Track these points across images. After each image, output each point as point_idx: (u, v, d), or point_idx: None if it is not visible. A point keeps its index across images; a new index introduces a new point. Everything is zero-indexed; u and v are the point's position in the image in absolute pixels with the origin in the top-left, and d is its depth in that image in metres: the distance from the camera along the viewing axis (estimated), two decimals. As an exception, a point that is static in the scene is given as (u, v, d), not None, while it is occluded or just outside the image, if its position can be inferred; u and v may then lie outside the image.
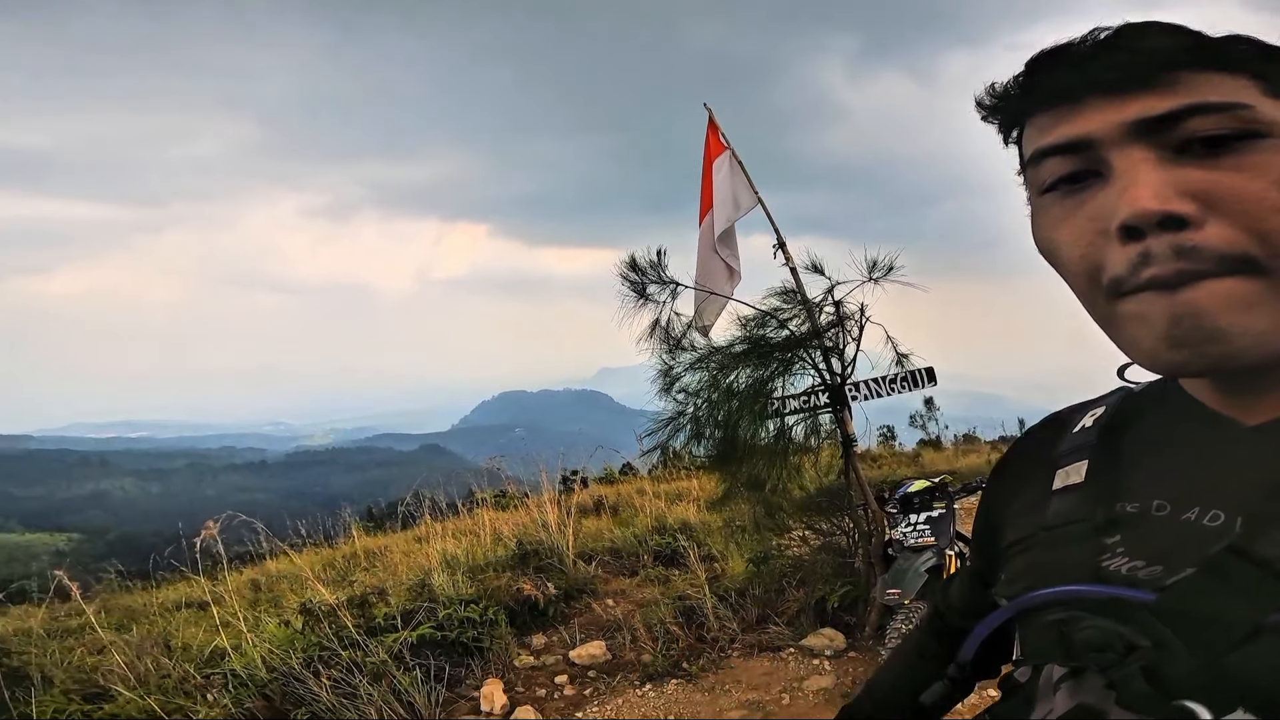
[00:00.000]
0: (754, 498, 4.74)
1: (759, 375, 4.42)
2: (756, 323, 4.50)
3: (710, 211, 4.66)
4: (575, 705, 3.76)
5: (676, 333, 4.73)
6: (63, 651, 3.73)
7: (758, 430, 4.49)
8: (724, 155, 4.62)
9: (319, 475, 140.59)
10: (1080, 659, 0.44)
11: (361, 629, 3.91)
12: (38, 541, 69.77)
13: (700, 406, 4.58)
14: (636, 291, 4.64)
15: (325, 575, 6.44)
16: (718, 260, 4.65)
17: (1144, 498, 0.50)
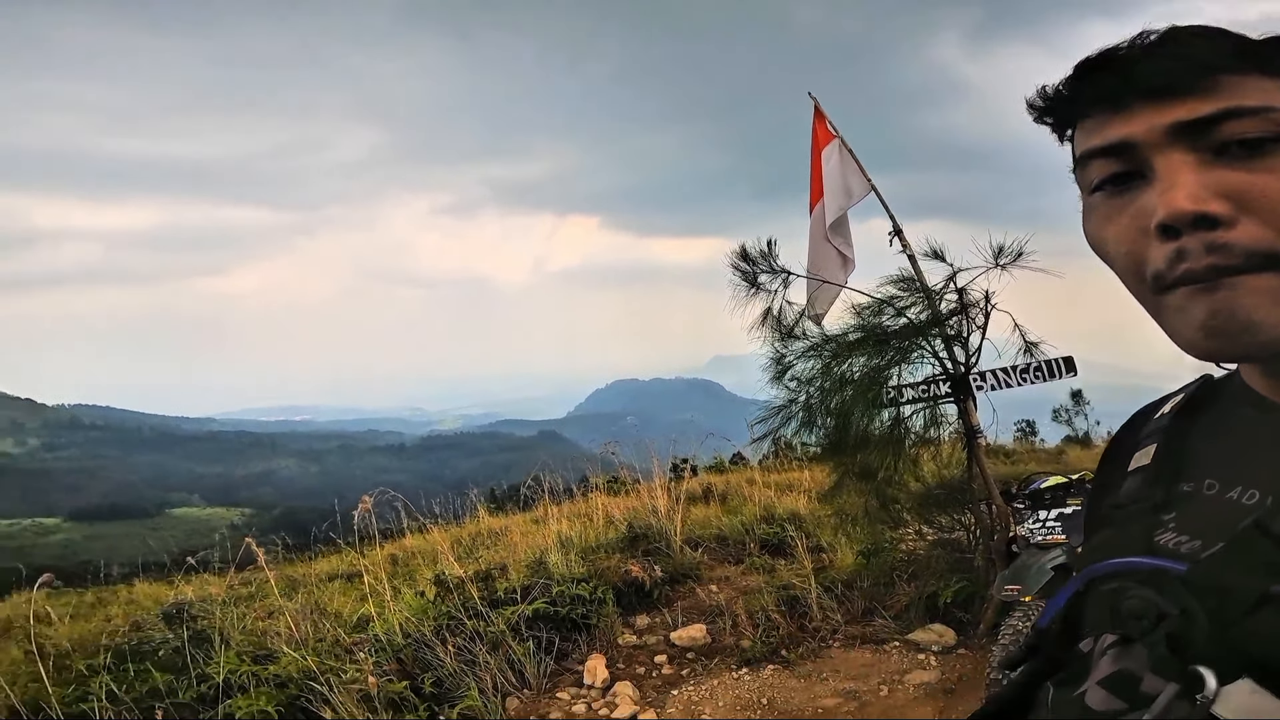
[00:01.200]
0: (866, 488, 4.66)
1: (874, 363, 4.34)
2: (872, 310, 4.43)
3: (820, 200, 4.62)
4: (672, 684, 3.88)
5: (789, 321, 4.74)
6: (238, 616, 4.33)
7: (872, 419, 4.42)
8: (833, 144, 4.56)
9: (449, 458, 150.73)
10: (1124, 627, 0.48)
11: (485, 601, 4.23)
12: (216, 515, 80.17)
13: (812, 394, 4.56)
14: (748, 281, 4.69)
15: (454, 551, 6.96)
16: (830, 249, 4.62)
17: (1198, 478, 0.55)
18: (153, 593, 6.36)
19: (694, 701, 3.62)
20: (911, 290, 4.32)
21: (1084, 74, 0.52)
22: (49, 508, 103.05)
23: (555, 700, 3.73)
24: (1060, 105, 0.55)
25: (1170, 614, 0.45)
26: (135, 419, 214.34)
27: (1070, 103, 0.54)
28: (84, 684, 2.99)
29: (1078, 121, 0.54)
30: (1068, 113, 0.55)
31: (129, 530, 76.16)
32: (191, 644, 3.45)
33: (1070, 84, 0.53)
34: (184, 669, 3.21)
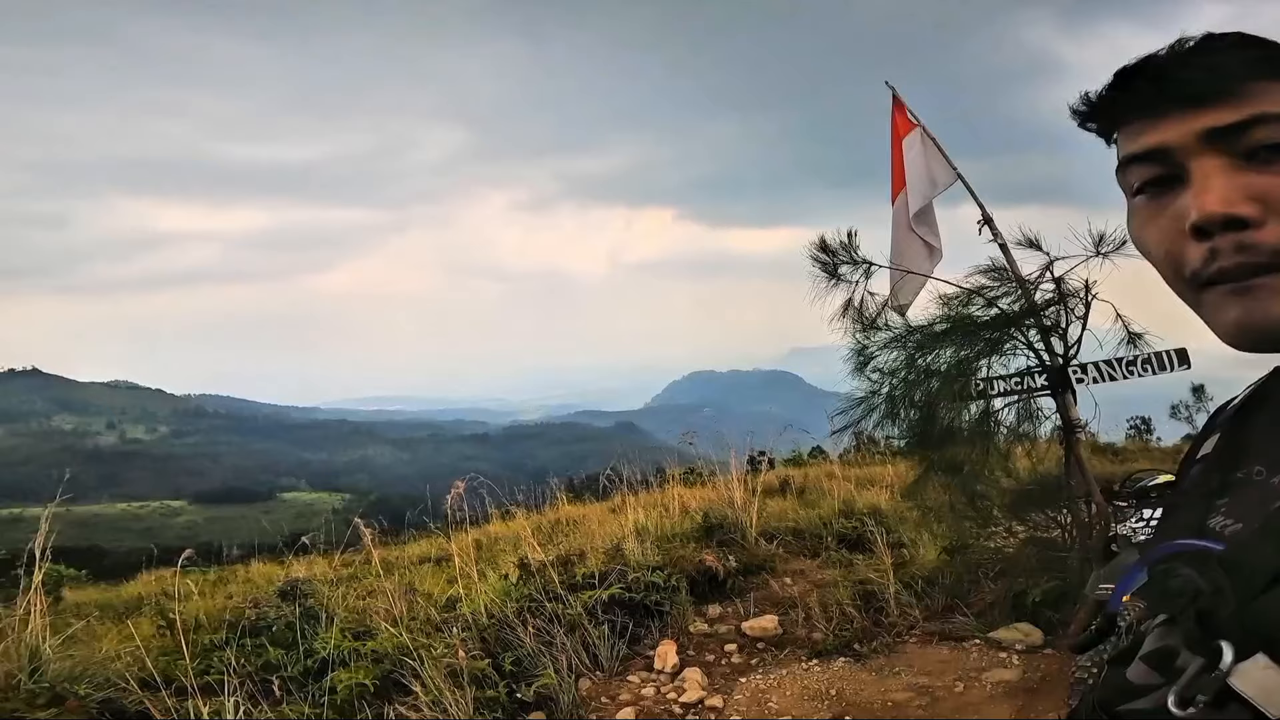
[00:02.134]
0: (951, 483, 4.53)
1: (962, 355, 4.23)
2: (960, 301, 4.31)
3: (903, 190, 4.53)
4: (740, 672, 3.92)
5: (870, 312, 4.68)
6: (341, 596, 4.67)
7: (959, 412, 4.31)
8: (914, 132, 4.45)
9: (530, 448, 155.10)
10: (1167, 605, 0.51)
11: (564, 585, 4.39)
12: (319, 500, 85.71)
13: (895, 386, 4.48)
14: (828, 272, 4.66)
15: (535, 538, 7.21)
16: (915, 238, 4.52)
17: (1250, 464, 0.57)
18: (266, 572, 6.94)
19: (761, 690, 3.65)
20: (1003, 280, 4.18)
21: (1122, 82, 0.55)
22: (176, 491, 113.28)
23: (626, 683, 3.84)
24: (1102, 112, 0.58)
25: (1204, 592, 0.47)
26: (251, 408, 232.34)
27: (1110, 109, 0.57)
28: (208, 657, 3.34)
29: (1119, 127, 0.57)
30: (1109, 119, 0.57)
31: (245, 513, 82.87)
32: (302, 620, 3.78)
33: (1109, 91, 0.56)
34: (294, 644, 3.52)
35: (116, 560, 9.16)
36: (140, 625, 4.57)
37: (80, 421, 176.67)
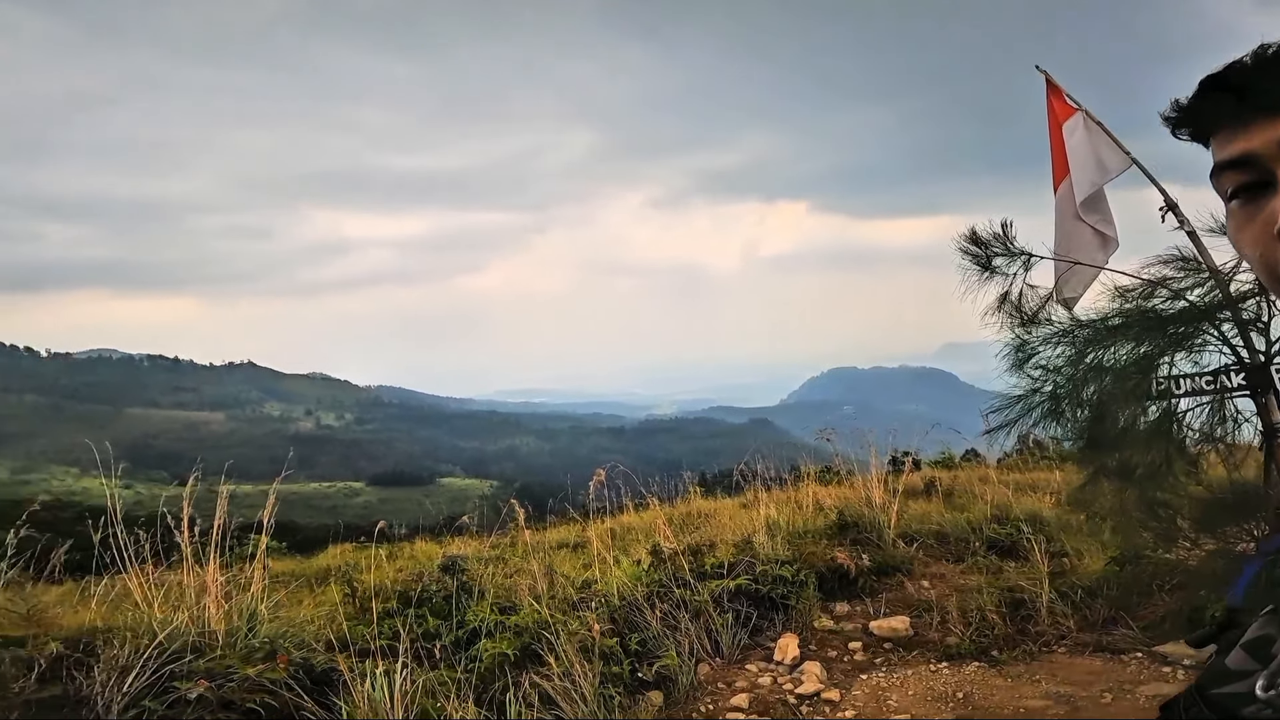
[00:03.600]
0: (1123, 489, 4.14)
1: (1140, 351, 3.88)
2: (1140, 294, 3.95)
3: (1066, 177, 4.23)
4: (861, 669, 3.85)
5: (1031, 306, 4.41)
6: (491, 574, 5.11)
7: (1136, 412, 3.94)
8: (1075, 117, 4.13)
9: (664, 442, 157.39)
10: (1272, 596, 0.54)
11: (693, 573, 4.53)
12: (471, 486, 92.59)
13: (1060, 384, 4.18)
14: (980, 265, 4.46)
15: (667, 528, 7.40)
16: (1084, 228, 4.21)
17: None
18: (427, 550, 7.71)
19: (882, 688, 3.57)
20: (1190, 270, 3.77)
21: (1208, 91, 0.57)
22: (356, 473, 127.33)
23: (743, 671, 3.90)
24: (1191, 120, 0.60)
25: None
26: (418, 399, 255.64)
27: (1199, 118, 0.59)
28: (381, 623, 3.81)
29: (1210, 134, 0.59)
30: (1199, 126, 0.59)
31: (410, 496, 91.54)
32: (458, 594, 4.21)
33: (1196, 100, 0.58)
34: (450, 615, 3.94)
35: (308, 535, 10.58)
36: (328, 593, 5.27)
37: (285, 409, 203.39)
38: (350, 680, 2.89)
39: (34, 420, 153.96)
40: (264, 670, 3.02)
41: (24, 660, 2.93)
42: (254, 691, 2.89)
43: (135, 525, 3.64)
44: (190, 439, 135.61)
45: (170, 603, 3.43)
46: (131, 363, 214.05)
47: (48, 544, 3.78)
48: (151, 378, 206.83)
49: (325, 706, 2.89)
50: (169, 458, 73.73)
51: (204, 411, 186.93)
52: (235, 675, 2.98)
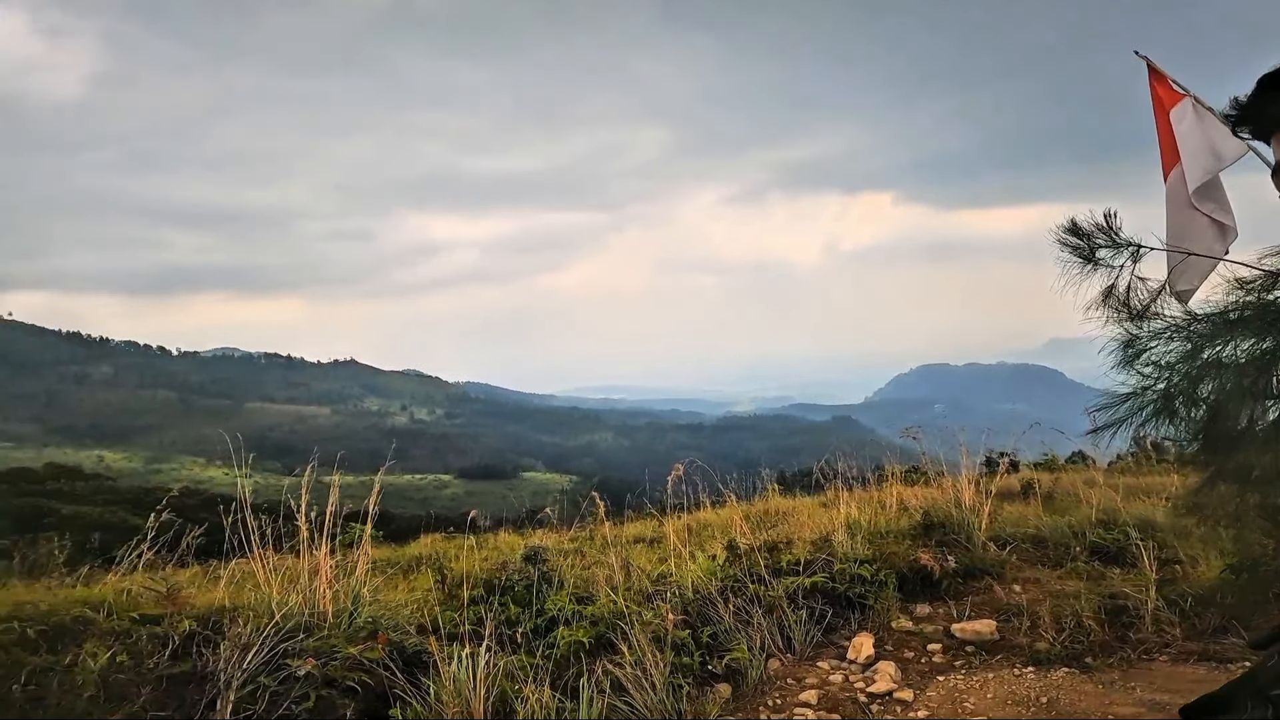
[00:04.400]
0: (1242, 493, 3.84)
1: (1263, 346, 3.59)
2: (1260, 286, 3.66)
3: (1177, 165, 3.97)
4: (939, 671, 3.73)
5: (1141, 299, 4.16)
6: (570, 565, 5.28)
7: (1255, 412, 3.65)
8: (1183, 103, 3.87)
9: (742, 439, 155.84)
10: None
11: (769, 569, 4.54)
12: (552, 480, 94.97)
13: (1174, 381, 3.93)
14: (1083, 257, 4.25)
15: (744, 524, 7.40)
16: (1199, 217, 3.94)
17: None
18: (509, 541, 8.03)
19: (959, 690, 3.45)
20: None
21: (1265, 89, 0.57)
22: (446, 466, 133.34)
23: (815, 668, 3.87)
24: (1250, 118, 0.60)
25: None
26: (502, 394, 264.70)
27: (1258, 116, 0.59)
28: (467, 610, 4.03)
29: (1270, 133, 0.58)
30: (1259, 125, 0.59)
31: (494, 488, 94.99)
32: (539, 583, 4.40)
33: (1254, 98, 0.59)
34: (530, 603, 4.13)
35: (401, 524, 11.24)
36: (420, 580, 5.61)
37: (383, 404, 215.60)
38: (439, 661, 3.09)
39: (166, 414, 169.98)
40: (364, 650, 3.26)
41: (159, 637, 3.24)
42: (354, 670, 3.13)
43: (258, 512, 3.98)
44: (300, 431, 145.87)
45: (286, 585, 3.73)
46: (251, 360, 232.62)
47: (180, 529, 4.18)
48: (268, 374, 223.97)
49: (415, 685, 3.09)
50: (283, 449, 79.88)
51: (312, 406, 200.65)
52: (339, 654, 3.23)
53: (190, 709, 2.91)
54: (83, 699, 2.79)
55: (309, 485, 4.10)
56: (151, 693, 2.94)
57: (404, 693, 3.05)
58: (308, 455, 4.42)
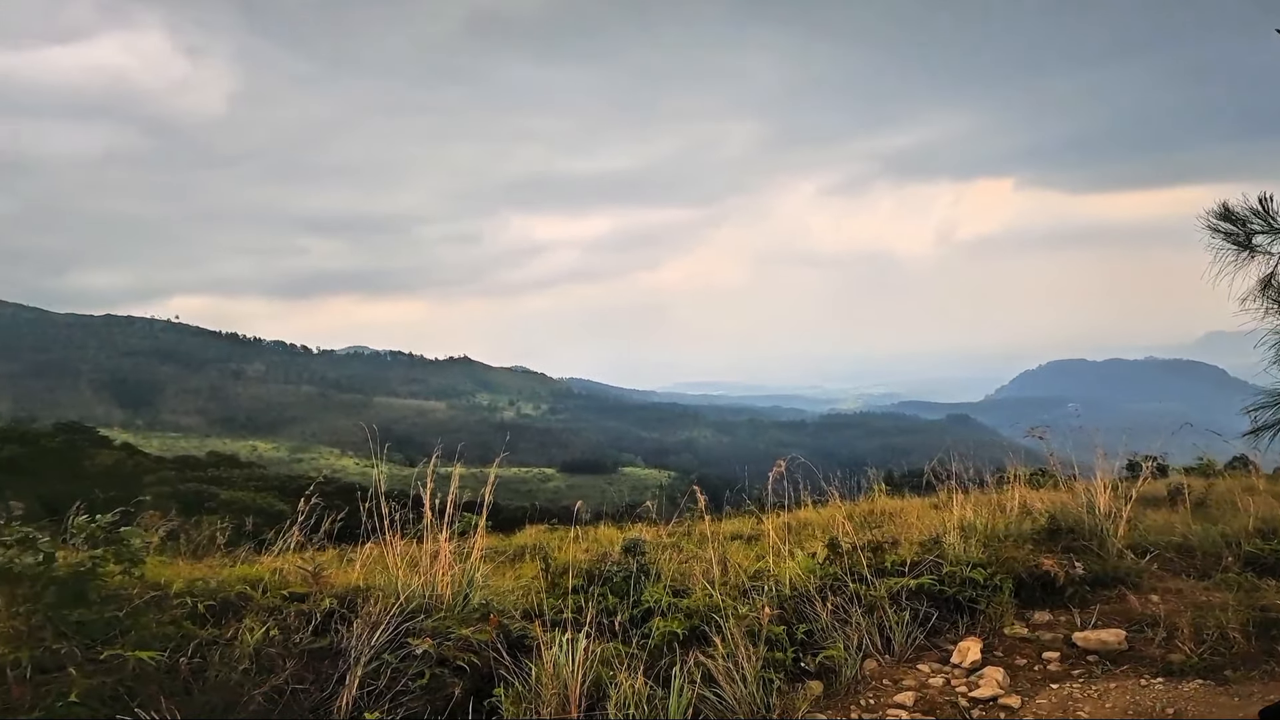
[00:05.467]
0: None
1: None
2: None
3: None
4: (1052, 679, 3.50)
5: None
6: (668, 558, 5.36)
7: None
8: None
9: (847, 437, 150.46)
10: None
11: (871, 569, 4.42)
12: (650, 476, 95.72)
13: None
14: (1236, 244, 3.90)
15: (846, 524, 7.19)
16: None
17: None
18: (608, 534, 8.24)
19: (1074, 699, 3.22)
20: None
21: None
22: (549, 460, 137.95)
23: (914, 670, 3.73)
24: None
25: None
26: (603, 390, 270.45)
27: None
28: (568, 598, 4.20)
29: None
30: None
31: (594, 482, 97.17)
32: (637, 574, 4.51)
33: None
34: (628, 593, 4.24)
35: (507, 515, 11.79)
36: (525, 568, 5.88)
37: (493, 399, 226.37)
38: (541, 646, 3.25)
39: (307, 407, 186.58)
40: (476, 632, 3.47)
41: (305, 614, 3.57)
42: (464, 650, 3.35)
43: (388, 499, 4.30)
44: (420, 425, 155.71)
45: (410, 568, 4.01)
46: (379, 358, 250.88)
47: (320, 514, 4.59)
48: (393, 371, 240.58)
49: (518, 667, 3.25)
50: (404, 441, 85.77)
51: (430, 401, 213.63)
52: (452, 635, 3.46)
53: (324, 681, 3.18)
54: (237, 671, 3.10)
55: (431, 475, 4.36)
56: (295, 665, 3.22)
57: (508, 673, 3.22)
58: (425, 447, 4.70)
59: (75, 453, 45.28)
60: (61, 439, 47.68)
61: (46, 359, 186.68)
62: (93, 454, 46.72)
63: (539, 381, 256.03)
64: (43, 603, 3.11)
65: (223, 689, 3.01)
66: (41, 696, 2.82)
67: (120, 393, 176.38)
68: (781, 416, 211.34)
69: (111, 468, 44.27)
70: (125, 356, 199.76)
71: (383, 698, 3.10)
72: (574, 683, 3.06)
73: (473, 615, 3.82)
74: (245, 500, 33.80)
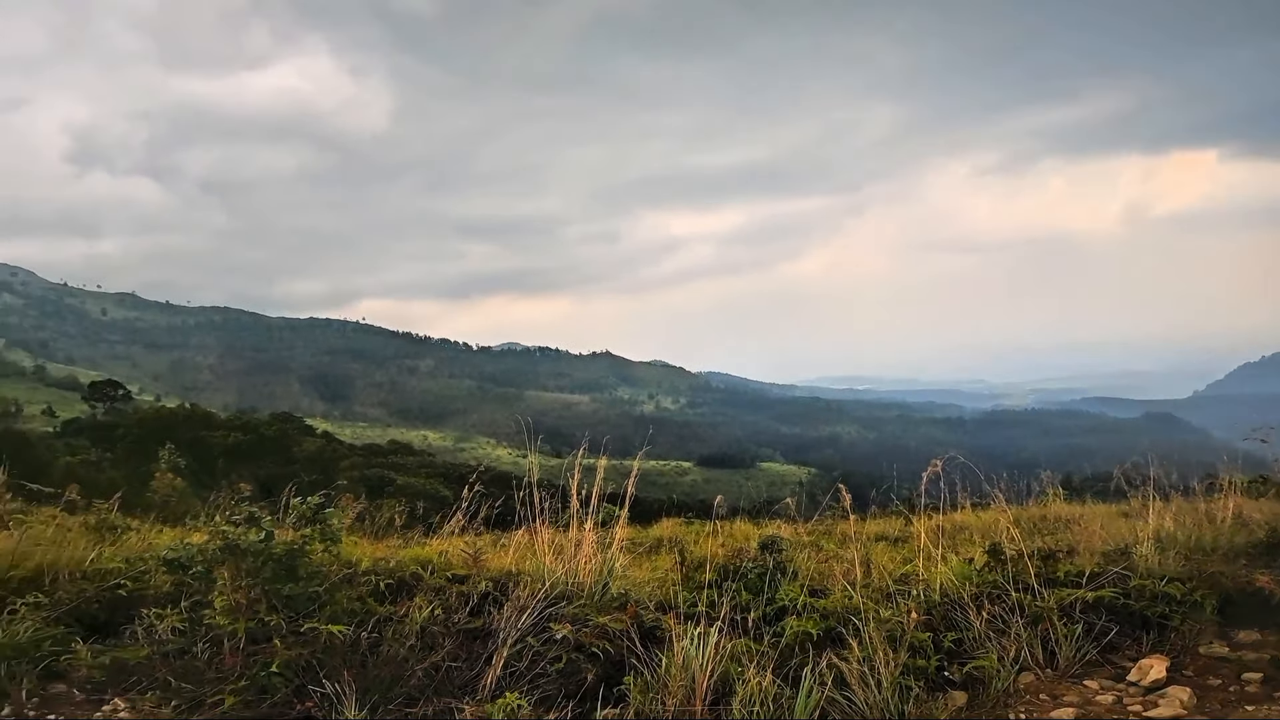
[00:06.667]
0: None
1: None
2: None
3: None
4: (1249, 701, 3.02)
5: None
6: (806, 557, 5.19)
7: None
8: None
9: (1015, 436, 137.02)
10: None
11: (1040, 578, 4.04)
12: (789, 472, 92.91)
13: None
14: None
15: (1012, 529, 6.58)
16: None
17: None
18: (745, 530, 8.13)
19: None
20: None
21: None
22: (686, 453, 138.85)
23: (1079, 686, 3.34)
24: None
25: None
26: (743, 385, 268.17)
27: None
28: (701, 592, 4.20)
29: None
30: None
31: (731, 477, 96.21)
32: (773, 572, 4.41)
33: None
34: (762, 590, 4.15)
35: (645, 507, 12.02)
36: (661, 560, 5.96)
37: (632, 393, 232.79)
38: (674, 638, 3.27)
39: (468, 400, 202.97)
40: (612, 620, 3.56)
41: (464, 595, 3.81)
42: (600, 638, 3.44)
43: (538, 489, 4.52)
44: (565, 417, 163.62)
45: (555, 556, 4.19)
46: (530, 354, 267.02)
47: (479, 500, 4.92)
48: (542, 366, 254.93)
49: (649, 657, 3.28)
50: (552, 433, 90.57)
51: (575, 394, 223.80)
52: (590, 622, 3.57)
53: (475, 660, 3.38)
54: (405, 646, 3.35)
55: (579, 467, 4.53)
56: (452, 644, 3.44)
57: (638, 662, 3.26)
58: (569, 438, 4.90)
59: (287, 440, 52.61)
60: (276, 428, 55.65)
61: (264, 357, 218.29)
62: (300, 441, 54.06)
63: (678, 375, 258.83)
64: (261, 577, 3.47)
65: (391, 663, 3.25)
66: (249, 666, 3.18)
67: (320, 386, 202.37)
68: (937, 412, 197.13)
69: (315, 453, 51.00)
70: (324, 355, 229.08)
71: (522, 679, 3.25)
72: (701, 676, 3.05)
73: (610, 604, 3.91)
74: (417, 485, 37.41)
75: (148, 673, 3.26)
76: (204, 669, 3.21)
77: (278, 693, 3.10)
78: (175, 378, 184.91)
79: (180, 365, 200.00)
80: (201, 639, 3.33)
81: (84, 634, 3.55)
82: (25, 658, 3.25)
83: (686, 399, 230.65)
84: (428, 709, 3.10)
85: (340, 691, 2.99)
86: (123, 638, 3.56)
